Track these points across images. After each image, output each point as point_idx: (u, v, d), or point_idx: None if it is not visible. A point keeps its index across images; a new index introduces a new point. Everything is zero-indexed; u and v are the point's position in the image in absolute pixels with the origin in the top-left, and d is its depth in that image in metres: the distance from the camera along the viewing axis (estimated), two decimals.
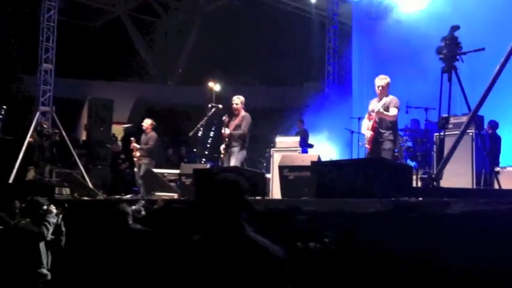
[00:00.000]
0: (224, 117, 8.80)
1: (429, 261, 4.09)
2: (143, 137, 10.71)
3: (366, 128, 7.45)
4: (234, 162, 8.47)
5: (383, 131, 7.27)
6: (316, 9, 16.33)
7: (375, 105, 7.39)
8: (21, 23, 15.84)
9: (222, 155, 8.89)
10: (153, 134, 10.69)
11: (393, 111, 7.25)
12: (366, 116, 7.59)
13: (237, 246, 2.66)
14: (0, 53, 16.79)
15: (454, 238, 4.04)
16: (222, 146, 8.87)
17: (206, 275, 2.65)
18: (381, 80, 7.40)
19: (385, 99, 7.31)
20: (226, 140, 8.70)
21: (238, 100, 8.87)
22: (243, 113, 8.83)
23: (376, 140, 7.30)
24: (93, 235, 5.91)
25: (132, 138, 10.69)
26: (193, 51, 21.12)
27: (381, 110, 7.20)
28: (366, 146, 7.60)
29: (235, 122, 8.79)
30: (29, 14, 13.83)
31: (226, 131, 8.64)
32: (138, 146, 10.52)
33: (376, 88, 7.44)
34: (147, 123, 10.76)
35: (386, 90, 7.39)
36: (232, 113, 8.95)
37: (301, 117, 13.27)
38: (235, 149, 8.59)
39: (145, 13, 21.12)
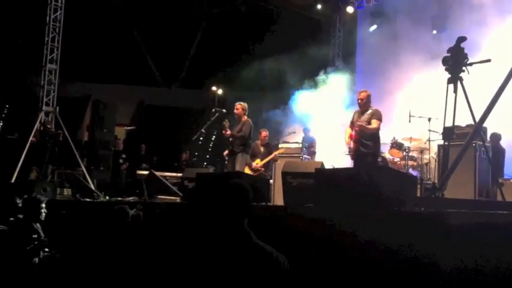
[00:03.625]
0: (225, 122, 9.00)
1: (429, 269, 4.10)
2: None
3: (348, 137, 7.59)
4: (238, 167, 8.76)
5: (365, 142, 7.46)
6: (322, 15, 16.28)
7: (358, 116, 7.64)
8: (27, 22, 15.83)
9: (226, 161, 9.15)
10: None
11: (375, 124, 7.45)
12: (349, 125, 7.83)
13: (244, 252, 2.66)
14: (5, 52, 16.80)
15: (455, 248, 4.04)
16: (226, 152, 9.17)
17: (214, 281, 2.65)
18: (361, 94, 7.69)
19: (369, 112, 7.54)
20: (230, 146, 8.96)
21: (239, 106, 9.19)
22: (244, 118, 9.14)
23: (360, 151, 7.41)
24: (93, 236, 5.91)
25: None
26: (197, 54, 21.12)
27: (363, 123, 7.43)
28: (350, 155, 7.76)
29: (237, 127, 9.07)
30: (36, 13, 13.78)
31: (227, 131, 8.92)
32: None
33: (358, 101, 7.70)
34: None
35: (368, 103, 7.62)
36: (235, 119, 9.21)
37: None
38: (238, 154, 8.92)
39: None
